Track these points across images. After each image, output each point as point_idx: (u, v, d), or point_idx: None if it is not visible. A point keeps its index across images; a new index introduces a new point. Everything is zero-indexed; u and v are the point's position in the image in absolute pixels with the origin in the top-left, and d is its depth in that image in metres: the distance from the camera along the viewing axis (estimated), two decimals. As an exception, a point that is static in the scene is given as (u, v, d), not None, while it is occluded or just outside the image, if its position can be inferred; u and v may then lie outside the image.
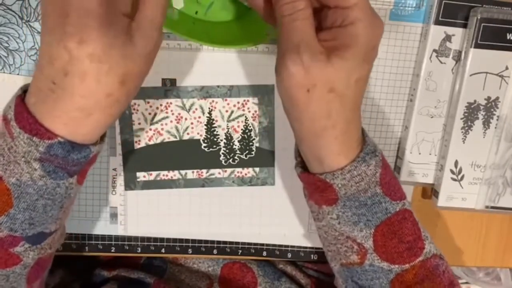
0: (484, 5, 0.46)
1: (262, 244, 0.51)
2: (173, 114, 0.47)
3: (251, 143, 0.49)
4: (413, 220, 0.40)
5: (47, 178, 0.34)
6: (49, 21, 0.30)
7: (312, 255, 0.52)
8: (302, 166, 0.40)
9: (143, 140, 0.48)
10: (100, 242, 0.50)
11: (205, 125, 0.48)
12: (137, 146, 0.48)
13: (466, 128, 0.48)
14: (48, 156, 0.33)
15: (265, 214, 0.50)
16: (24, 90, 0.34)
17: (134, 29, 0.31)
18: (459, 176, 0.49)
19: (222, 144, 0.48)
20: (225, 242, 0.51)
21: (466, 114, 0.47)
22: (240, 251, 0.51)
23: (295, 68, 0.33)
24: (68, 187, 0.36)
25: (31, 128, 0.32)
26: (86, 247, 0.50)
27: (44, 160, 0.33)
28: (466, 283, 0.95)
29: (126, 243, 0.50)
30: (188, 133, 0.48)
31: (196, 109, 0.47)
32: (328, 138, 0.35)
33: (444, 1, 0.45)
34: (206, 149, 0.48)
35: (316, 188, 0.38)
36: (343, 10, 0.33)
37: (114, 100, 0.32)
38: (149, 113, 0.47)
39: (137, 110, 0.47)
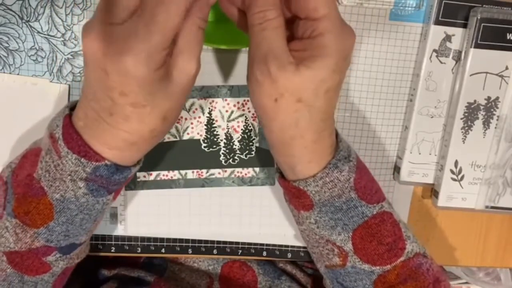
0: (484, 5, 0.46)
1: (262, 244, 0.51)
2: (173, 114, 0.47)
3: (251, 143, 0.49)
4: (393, 221, 0.40)
5: (89, 196, 0.36)
6: (89, 66, 0.32)
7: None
8: (280, 171, 0.40)
9: (143, 140, 0.48)
10: (100, 242, 0.50)
11: (205, 125, 0.48)
12: (137, 146, 0.48)
13: (466, 128, 0.48)
14: (94, 177, 0.35)
15: (265, 214, 0.50)
16: (71, 108, 0.36)
17: (172, 66, 0.32)
18: (459, 176, 0.49)
19: (222, 144, 0.48)
20: (225, 242, 0.51)
21: (466, 114, 0.47)
22: (240, 251, 0.51)
23: (262, 77, 0.33)
24: (105, 203, 0.38)
25: (79, 150, 0.34)
26: (86, 247, 0.50)
27: (89, 180, 0.35)
28: (466, 283, 0.95)
29: (126, 243, 0.50)
30: (188, 133, 0.48)
31: (196, 109, 0.47)
32: (297, 147, 0.36)
33: (444, 1, 0.45)
34: (206, 149, 0.48)
35: (292, 194, 0.39)
36: (313, 21, 0.33)
37: (157, 132, 0.34)
38: (149, 113, 0.47)
39: (137, 110, 0.47)
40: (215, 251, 0.51)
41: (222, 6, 0.37)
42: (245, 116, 0.48)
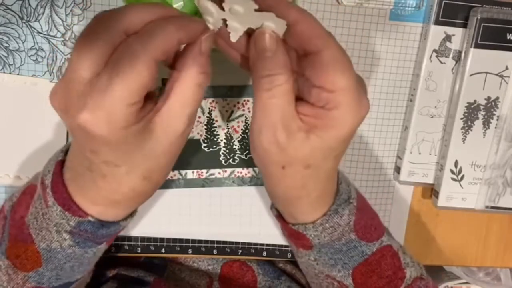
0: (484, 5, 0.46)
1: (262, 244, 0.51)
2: (173, 114, 0.47)
3: (251, 143, 0.49)
4: (392, 253, 0.40)
5: (76, 247, 0.35)
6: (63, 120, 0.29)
7: (312, 255, 0.52)
8: (278, 210, 0.40)
9: (143, 140, 0.48)
10: (100, 242, 0.50)
11: (205, 125, 0.48)
12: (137, 146, 0.48)
13: (466, 128, 0.48)
14: (78, 231, 0.33)
15: (265, 214, 0.50)
16: (65, 152, 0.34)
17: (155, 122, 0.28)
18: (459, 176, 0.49)
19: (222, 144, 0.48)
20: (225, 242, 0.51)
21: (466, 114, 0.47)
22: (240, 251, 0.51)
23: (270, 146, 0.30)
24: (96, 252, 0.37)
25: (64, 202, 0.32)
26: (86, 247, 0.50)
27: (74, 233, 0.34)
28: (466, 283, 0.95)
29: (126, 243, 0.50)
30: (188, 133, 0.48)
31: (196, 109, 0.47)
32: (302, 204, 0.35)
33: (444, 1, 0.45)
34: (206, 149, 0.48)
35: (291, 234, 0.38)
36: (328, 93, 0.29)
37: (139, 192, 0.32)
38: (149, 113, 0.47)
39: (137, 110, 0.47)
40: (215, 251, 0.51)
41: (222, 49, 0.33)
42: (245, 116, 0.48)
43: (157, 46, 0.26)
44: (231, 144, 0.49)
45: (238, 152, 0.49)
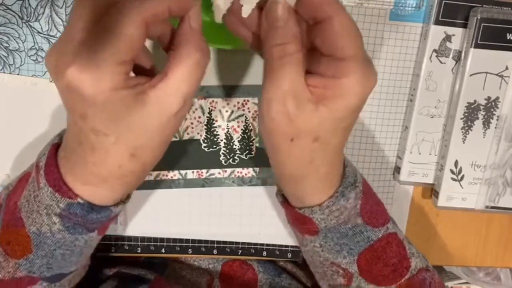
0: (484, 5, 0.46)
1: (262, 244, 0.51)
2: (173, 114, 0.47)
3: (251, 143, 0.49)
4: (398, 241, 0.40)
5: (65, 232, 0.34)
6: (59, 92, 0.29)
7: (312, 255, 0.52)
8: (282, 195, 0.39)
9: (143, 140, 0.48)
10: (100, 242, 0.49)
11: (205, 125, 0.48)
12: (137, 146, 0.48)
13: (466, 128, 0.48)
14: (68, 214, 0.33)
15: (265, 214, 0.50)
16: (61, 136, 0.34)
17: (151, 96, 0.28)
18: (459, 176, 0.49)
19: (222, 144, 0.48)
20: (225, 242, 0.51)
21: (466, 114, 0.47)
22: (240, 251, 0.51)
23: (279, 116, 0.30)
24: (88, 240, 0.36)
25: (55, 183, 0.32)
26: (86, 247, 0.50)
27: (64, 216, 0.33)
28: (466, 283, 0.95)
29: (126, 243, 0.50)
30: (188, 133, 0.48)
31: (196, 109, 0.47)
32: (310, 182, 0.35)
33: (444, 1, 0.45)
34: (206, 149, 0.48)
35: (297, 219, 0.38)
36: (338, 61, 0.30)
37: (127, 171, 0.31)
38: (149, 113, 0.47)
39: (137, 110, 0.47)
40: (215, 251, 0.51)
41: (230, 27, 0.33)
42: (245, 116, 0.48)
43: (147, 8, 0.27)
44: (231, 144, 0.49)
45: (238, 152, 0.49)
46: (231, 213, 0.50)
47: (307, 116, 0.30)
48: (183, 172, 0.49)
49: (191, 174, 0.49)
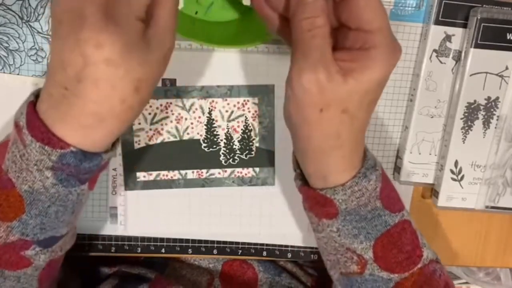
0: (484, 5, 0.46)
1: (262, 244, 0.51)
2: (173, 114, 0.47)
3: (251, 143, 0.49)
4: (412, 229, 0.40)
5: (59, 186, 0.34)
6: (62, 28, 0.30)
7: (312, 255, 0.52)
8: (302, 178, 0.39)
9: (143, 140, 0.48)
10: (100, 242, 0.50)
11: (205, 125, 0.48)
12: (137, 146, 0.48)
13: (466, 128, 0.48)
14: (60, 165, 0.33)
15: (265, 214, 0.50)
16: (36, 95, 0.34)
17: (151, 34, 0.31)
18: (459, 176, 0.49)
19: (222, 144, 0.48)
20: (225, 242, 0.51)
21: (466, 114, 0.47)
22: (240, 251, 0.51)
23: (310, 86, 0.32)
24: (80, 194, 0.36)
25: (43, 137, 0.32)
26: (86, 247, 0.49)
27: (56, 168, 0.33)
28: (466, 283, 0.95)
29: (126, 243, 0.50)
30: (188, 133, 0.48)
31: (196, 109, 0.47)
32: (335, 157, 0.35)
33: (444, 1, 0.45)
34: (206, 149, 0.48)
35: (317, 202, 0.38)
36: (365, 33, 0.32)
37: (128, 106, 0.32)
38: (149, 113, 0.47)
39: (137, 110, 0.47)
40: (215, 251, 0.51)
41: (257, 8, 0.36)
42: (245, 116, 0.48)
43: None
44: (231, 144, 0.49)
45: (238, 152, 0.49)
46: (231, 213, 0.50)
47: (337, 87, 0.32)
48: (183, 172, 0.49)
49: (191, 174, 0.49)
